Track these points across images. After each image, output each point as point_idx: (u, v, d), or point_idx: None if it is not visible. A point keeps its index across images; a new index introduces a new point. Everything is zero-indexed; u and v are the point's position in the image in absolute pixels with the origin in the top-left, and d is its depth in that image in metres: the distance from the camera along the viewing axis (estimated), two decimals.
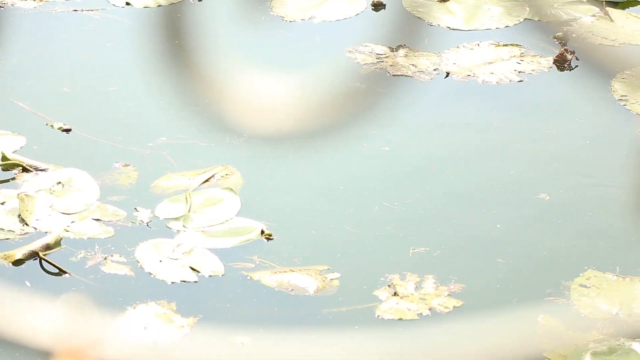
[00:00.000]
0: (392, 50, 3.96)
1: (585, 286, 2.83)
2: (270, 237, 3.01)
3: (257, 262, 2.92)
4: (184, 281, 2.87)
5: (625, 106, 3.65)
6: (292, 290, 2.83)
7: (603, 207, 3.16)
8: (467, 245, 2.99)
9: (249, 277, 2.86)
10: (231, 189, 3.17)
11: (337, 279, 2.86)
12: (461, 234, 3.03)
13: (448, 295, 2.82)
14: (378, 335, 2.71)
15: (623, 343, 2.65)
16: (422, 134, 3.52)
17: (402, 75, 3.83)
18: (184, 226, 3.04)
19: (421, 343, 2.68)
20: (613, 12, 4.18)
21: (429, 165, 3.35)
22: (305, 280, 2.85)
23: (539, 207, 3.14)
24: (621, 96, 3.68)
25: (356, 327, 2.72)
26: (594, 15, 4.20)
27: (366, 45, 4.01)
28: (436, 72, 3.86)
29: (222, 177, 3.25)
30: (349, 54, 3.95)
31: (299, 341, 2.70)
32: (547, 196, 3.18)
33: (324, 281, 2.85)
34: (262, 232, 3.02)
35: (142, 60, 3.79)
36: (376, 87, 3.76)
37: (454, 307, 2.79)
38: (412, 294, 2.82)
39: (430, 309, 2.78)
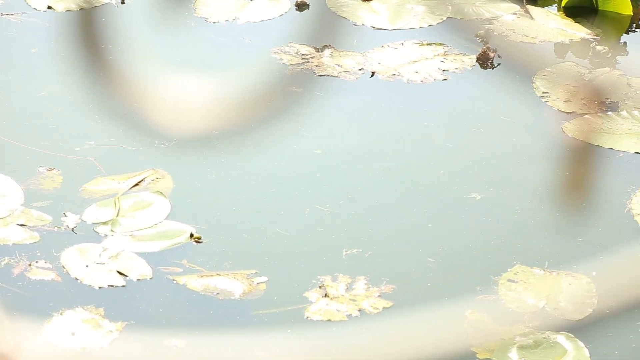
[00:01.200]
0: (317, 50, 3.97)
1: (513, 281, 2.87)
2: (200, 240, 3.00)
3: (187, 267, 2.91)
4: (111, 286, 2.85)
5: (546, 102, 3.71)
6: (217, 294, 2.82)
7: (531, 204, 3.20)
8: (399, 246, 3.01)
9: (174, 281, 2.85)
10: (161, 193, 3.16)
11: (264, 282, 2.87)
12: (393, 234, 3.05)
13: (379, 296, 2.84)
14: (307, 337, 2.72)
15: (548, 336, 2.69)
16: (351, 135, 3.53)
17: (328, 75, 3.85)
18: (112, 230, 3.02)
19: (349, 344, 2.70)
20: (533, 10, 4.24)
21: (359, 166, 3.36)
22: (231, 284, 2.85)
23: (470, 206, 3.17)
24: (543, 93, 3.74)
25: (288, 330, 2.73)
26: (514, 13, 4.26)
27: (291, 46, 4.01)
28: (362, 71, 3.88)
29: (153, 180, 3.23)
30: (274, 54, 3.95)
31: (232, 344, 2.70)
32: (478, 195, 3.22)
33: (250, 285, 2.85)
34: (192, 235, 3.01)
35: (68, 65, 3.76)
36: (303, 88, 3.76)
37: (384, 307, 2.80)
38: (343, 295, 2.83)
39: (359, 310, 2.79)
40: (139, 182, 3.20)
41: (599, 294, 2.81)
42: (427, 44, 4.02)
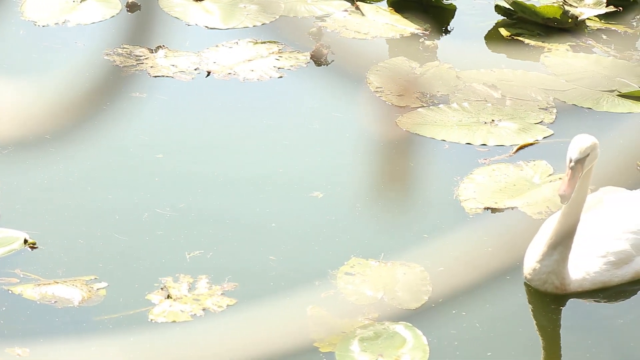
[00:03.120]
0: (151, 51, 3.94)
1: (350, 274, 2.91)
2: (35, 246, 2.95)
3: (22, 276, 2.85)
4: None
5: (380, 97, 3.77)
6: (55, 302, 2.78)
7: (368, 198, 3.25)
8: (241, 246, 3.01)
9: (10, 291, 2.79)
10: None
11: (103, 288, 2.83)
12: (235, 234, 3.05)
13: (222, 294, 2.84)
14: (151, 340, 2.70)
15: (388, 327, 2.74)
16: (190, 136, 3.51)
17: (163, 76, 3.82)
18: None
19: (194, 344, 2.69)
20: (364, 6, 4.31)
21: (200, 168, 3.35)
22: (69, 292, 2.80)
23: (313, 204, 3.20)
24: (376, 88, 3.80)
25: (132, 334, 2.70)
26: (346, 10, 4.32)
27: (124, 48, 3.97)
28: (197, 71, 3.87)
29: None
30: (106, 57, 3.90)
31: (76, 351, 2.66)
32: (320, 194, 3.25)
33: (90, 291, 2.81)
34: (26, 241, 2.95)
35: None
36: (139, 90, 3.73)
37: (228, 305, 2.81)
38: (186, 296, 2.83)
39: (204, 309, 2.79)
40: None
41: (433, 281, 2.88)
42: (262, 43, 4.04)
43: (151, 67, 3.84)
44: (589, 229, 2.88)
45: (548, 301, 2.86)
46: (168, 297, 2.81)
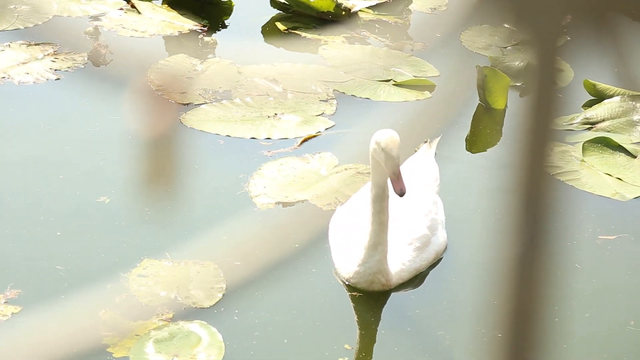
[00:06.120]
0: None
1: (143, 275, 2.88)
2: None
3: None
4: None
5: (162, 95, 3.73)
6: None
7: (158, 200, 3.22)
8: (25, 256, 2.92)
9: None
10: None
11: None
12: (18, 245, 2.96)
13: (5, 302, 2.76)
14: None
15: (182, 326, 2.73)
16: None
17: None
18: None
19: None
20: (140, 4, 4.26)
21: None
22: None
23: (99, 210, 3.14)
24: (158, 86, 3.77)
25: None
26: (121, 9, 4.26)
27: None
28: None
29: None
30: None
31: None
32: (107, 199, 3.19)
33: None
34: None
35: None
36: None
37: (13, 313, 2.73)
38: None
39: None
40: None
41: (227, 278, 2.88)
42: (36, 44, 3.94)
43: None
44: (391, 219, 2.92)
45: (345, 290, 2.92)
46: None
